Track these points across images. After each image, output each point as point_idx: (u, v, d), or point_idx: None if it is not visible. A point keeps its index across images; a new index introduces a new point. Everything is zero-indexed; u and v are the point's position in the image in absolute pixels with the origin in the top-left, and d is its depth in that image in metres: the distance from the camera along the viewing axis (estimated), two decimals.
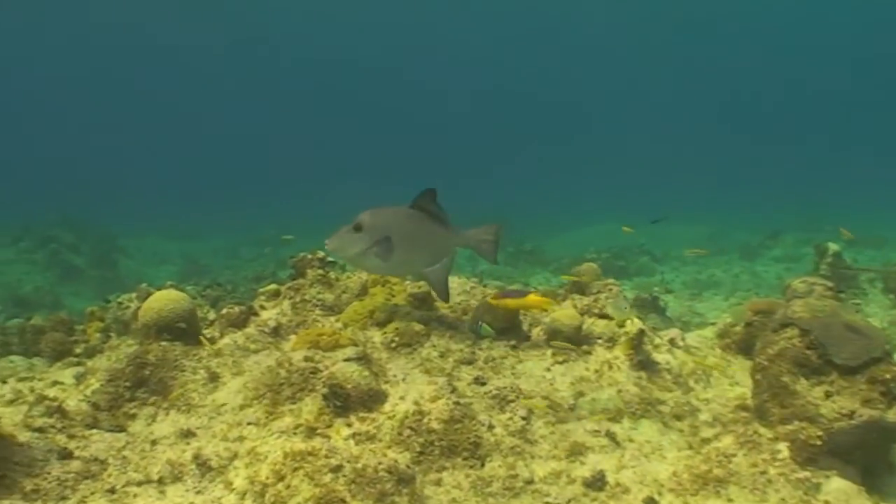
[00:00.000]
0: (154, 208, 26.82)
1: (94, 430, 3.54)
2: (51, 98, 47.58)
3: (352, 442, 3.48)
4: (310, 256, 5.15)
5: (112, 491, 3.07)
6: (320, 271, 5.12)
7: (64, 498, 2.99)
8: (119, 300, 5.91)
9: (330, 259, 5.23)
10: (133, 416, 3.79)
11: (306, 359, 3.81)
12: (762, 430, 3.59)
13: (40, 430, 3.37)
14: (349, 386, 3.58)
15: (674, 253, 16.74)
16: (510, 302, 4.27)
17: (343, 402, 3.55)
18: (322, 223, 4.43)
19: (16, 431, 3.34)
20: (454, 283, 5.05)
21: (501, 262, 16.13)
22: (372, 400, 3.62)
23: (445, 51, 54.78)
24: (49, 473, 3.06)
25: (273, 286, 4.99)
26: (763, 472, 3.36)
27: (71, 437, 3.41)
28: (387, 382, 3.83)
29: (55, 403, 3.58)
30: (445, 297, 4.36)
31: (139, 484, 3.13)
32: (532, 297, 4.25)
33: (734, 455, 3.49)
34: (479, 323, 4.36)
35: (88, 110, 47.82)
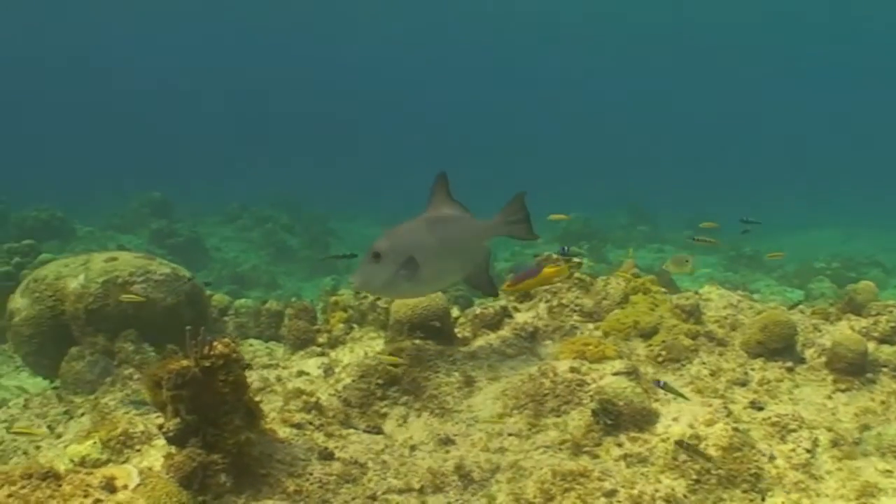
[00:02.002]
0: (361, 191, 28.99)
1: (352, 430, 3.85)
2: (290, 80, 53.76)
3: (623, 464, 3.53)
4: (554, 256, 5.29)
5: (373, 498, 3.31)
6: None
7: (325, 501, 3.23)
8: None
9: (576, 260, 5.28)
10: (384, 416, 4.08)
11: (572, 370, 3.98)
12: None
13: (298, 426, 3.71)
14: (620, 403, 3.71)
15: None
16: (529, 283, 4.42)
17: (614, 419, 3.68)
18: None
19: (274, 426, 3.66)
20: (715, 295, 5.09)
21: (720, 267, 15.95)
22: (644, 419, 3.75)
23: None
24: (311, 475, 3.33)
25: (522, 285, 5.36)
26: None
27: (329, 435, 3.72)
28: (656, 401, 3.92)
29: (312, 399, 3.92)
30: (495, 292, 4.53)
31: (400, 492, 3.37)
32: (548, 270, 4.40)
33: None
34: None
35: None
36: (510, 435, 3.82)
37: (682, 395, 3.85)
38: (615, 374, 3.99)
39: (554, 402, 3.91)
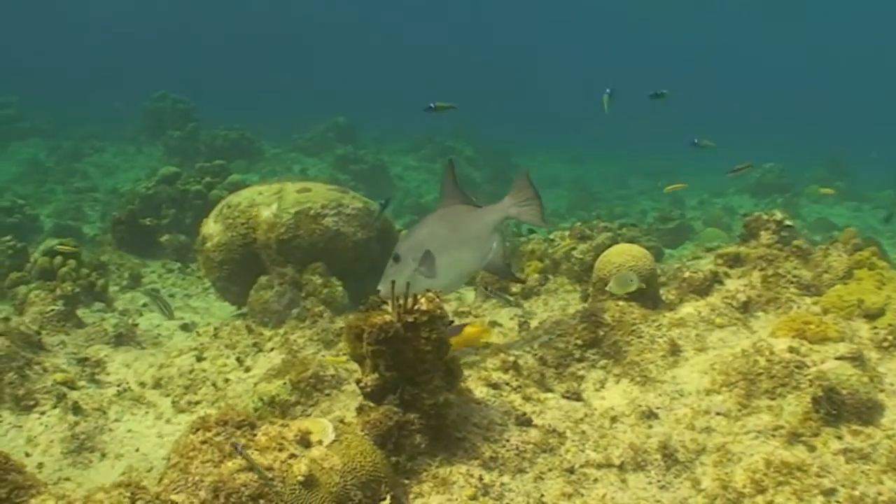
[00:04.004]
0: (546, 127, 28.84)
1: (550, 394, 3.73)
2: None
3: (842, 459, 3.26)
4: (765, 217, 5.09)
5: (570, 471, 3.19)
6: (776, 236, 5.04)
7: (521, 471, 3.14)
8: (551, 237, 6.47)
9: (788, 223, 5.09)
10: (581, 379, 3.99)
11: (791, 349, 3.73)
12: None
13: (495, 386, 3.63)
14: (844, 391, 3.44)
15: None
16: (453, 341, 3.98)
17: (836, 409, 3.41)
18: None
19: (471, 384, 3.59)
20: None
21: None
22: (868, 411, 3.47)
23: None
24: (507, 441, 3.24)
25: (732, 248, 4.97)
26: None
27: (526, 398, 3.61)
28: (881, 391, 3.63)
29: (510, 359, 3.80)
30: (513, 277, 4.64)
31: (599, 466, 3.25)
32: (469, 330, 4.08)
33: None
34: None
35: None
36: (718, 414, 3.63)
37: None
38: (838, 358, 3.73)
39: (768, 382, 3.69)
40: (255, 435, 2.74)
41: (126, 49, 41.00)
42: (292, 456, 2.65)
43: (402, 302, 3.03)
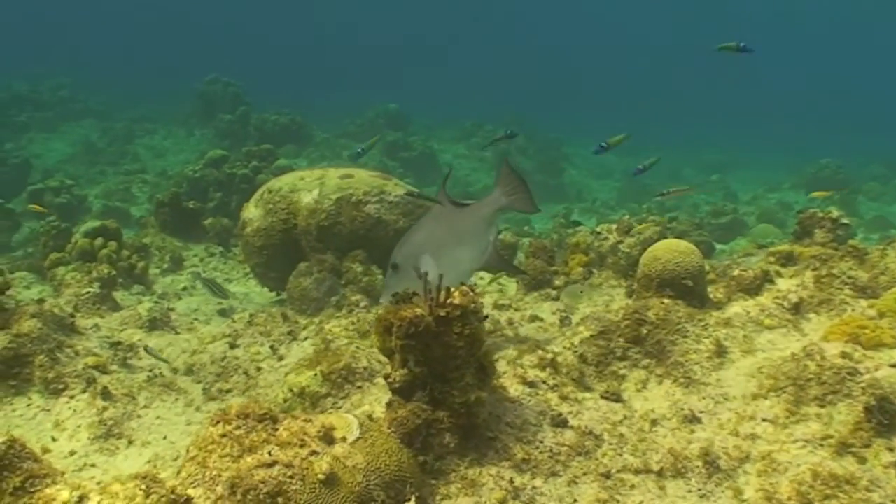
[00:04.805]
0: (597, 117, 28.73)
1: (588, 394, 3.62)
2: None
3: (893, 472, 3.11)
4: (820, 214, 4.92)
5: (606, 476, 3.07)
6: (831, 234, 4.91)
7: (554, 474, 3.03)
8: (598, 230, 6.31)
9: (844, 221, 4.93)
10: (622, 378, 3.85)
11: (843, 355, 3.53)
12: None
13: (532, 384, 3.51)
14: None
15: None
16: None
17: (889, 419, 3.24)
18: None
19: (505, 381, 3.48)
20: None
21: None
22: None
23: None
24: (541, 442, 3.13)
25: (785, 246, 4.78)
26: None
27: (563, 398, 3.50)
28: None
29: (548, 356, 3.67)
30: (515, 269, 4.67)
31: (637, 472, 3.13)
32: None
33: None
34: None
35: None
36: (764, 420, 3.48)
37: None
38: (893, 365, 3.55)
39: (818, 389, 3.52)
40: (276, 430, 2.65)
41: (181, 32, 41.39)
42: (314, 453, 2.56)
43: (434, 295, 2.90)
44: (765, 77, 40.79)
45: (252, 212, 6.17)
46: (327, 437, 2.65)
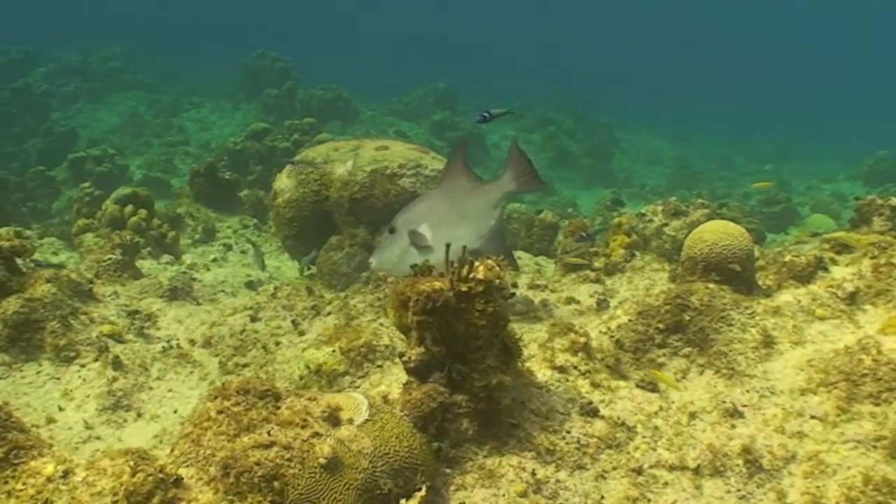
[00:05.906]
0: (650, 103, 28.48)
1: (623, 382, 3.41)
2: None
3: None
4: (879, 201, 4.73)
5: (638, 471, 2.88)
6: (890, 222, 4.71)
7: (581, 467, 2.84)
8: (643, 211, 6.05)
9: None
10: (660, 367, 3.61)
11: None
12: None
13: (562, 369, 3.30)
14: None
15: None
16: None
17: None
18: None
19: (533, 365, 3.29)
20: None
21: None
22: None
23: None
24: (568, 432, 2.93)
25: (841, 233, 4.52)
26: None
27: (595, 385, 3.29)
28: None
29: (581, 340, 3.46)
30: (511, 260, 4.11)
31: (671, 468, 2.94)
32: None
33: None
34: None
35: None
36: (813, 417, 3.23)
37: None
38: None
39: (873, 385, 3.26)
40: (278, 407, 2.45)
41: (231, 4, 41.60)
42: (316, 434, 2.35)
43: (456, 268, 2.68)
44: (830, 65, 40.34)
45: (284, 182, 5.98)
46: (332, 418, 2.45)
